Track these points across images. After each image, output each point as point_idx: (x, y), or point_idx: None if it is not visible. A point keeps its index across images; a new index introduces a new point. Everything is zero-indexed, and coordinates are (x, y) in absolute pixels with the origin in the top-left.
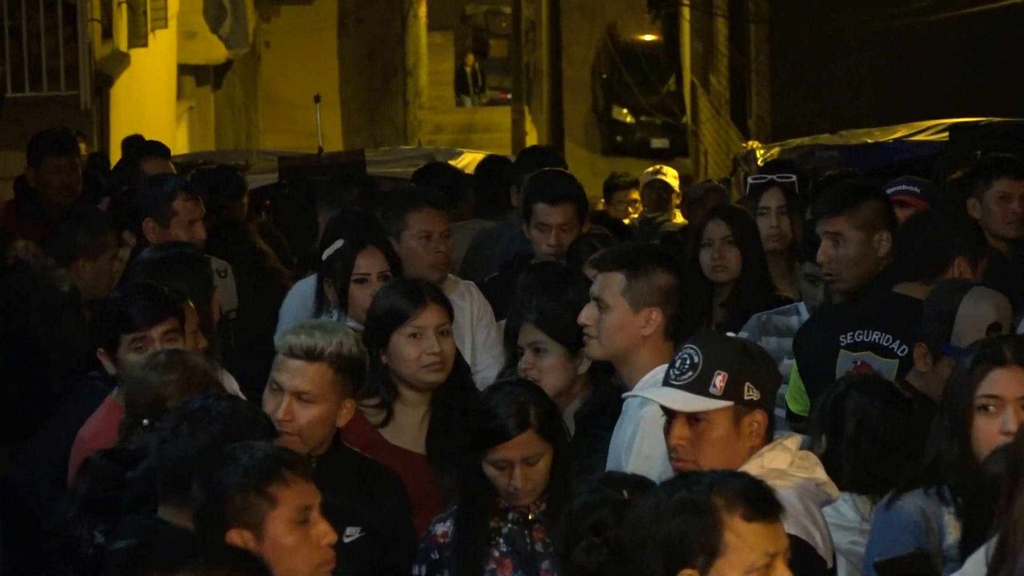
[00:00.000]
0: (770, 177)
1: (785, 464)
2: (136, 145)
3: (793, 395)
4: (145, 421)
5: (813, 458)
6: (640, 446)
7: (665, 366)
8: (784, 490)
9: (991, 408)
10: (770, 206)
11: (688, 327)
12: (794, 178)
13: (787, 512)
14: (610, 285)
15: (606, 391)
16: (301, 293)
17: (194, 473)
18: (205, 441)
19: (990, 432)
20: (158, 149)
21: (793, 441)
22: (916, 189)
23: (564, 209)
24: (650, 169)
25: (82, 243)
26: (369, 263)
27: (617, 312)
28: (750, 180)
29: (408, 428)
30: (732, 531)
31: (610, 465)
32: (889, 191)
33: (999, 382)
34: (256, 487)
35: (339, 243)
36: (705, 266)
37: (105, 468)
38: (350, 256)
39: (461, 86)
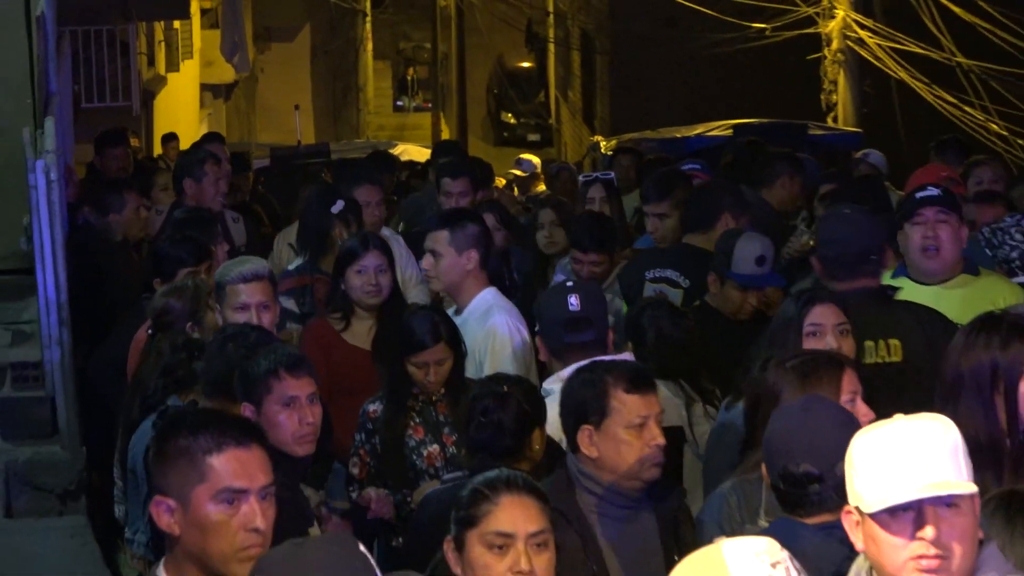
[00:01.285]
0: (595, 175)
1: None
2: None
3: None
4: (149, 331)
5: None
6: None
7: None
8: None
9: (816, 334)
10: (595, 197)
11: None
12: (613, 175)
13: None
14: (439, 239)
15: None
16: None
17: (233, 379)
18: (240, 355)
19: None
20: (216, 136)
21: None
22: (698, 166)
23: (462, 181)
24: (526, 157)
25: (110, 202)
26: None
27: (447, 257)
28: (580, 178)
29: (360, 334)
30: (616, 399)
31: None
32: (683, 168)
33: (821, 314)
34: (261, 375)
35: (340, 204)
36: (540, 243)
37: (180, 352)
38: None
39: (403, 89)
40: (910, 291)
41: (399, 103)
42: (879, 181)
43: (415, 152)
